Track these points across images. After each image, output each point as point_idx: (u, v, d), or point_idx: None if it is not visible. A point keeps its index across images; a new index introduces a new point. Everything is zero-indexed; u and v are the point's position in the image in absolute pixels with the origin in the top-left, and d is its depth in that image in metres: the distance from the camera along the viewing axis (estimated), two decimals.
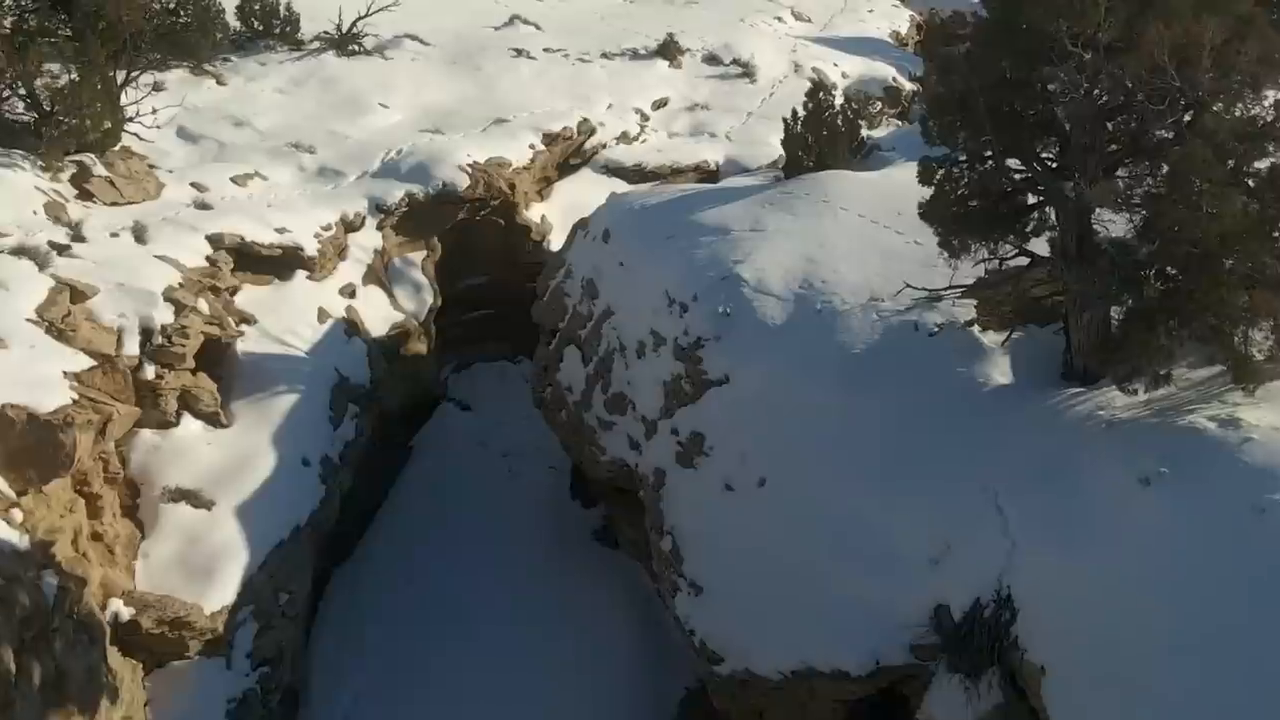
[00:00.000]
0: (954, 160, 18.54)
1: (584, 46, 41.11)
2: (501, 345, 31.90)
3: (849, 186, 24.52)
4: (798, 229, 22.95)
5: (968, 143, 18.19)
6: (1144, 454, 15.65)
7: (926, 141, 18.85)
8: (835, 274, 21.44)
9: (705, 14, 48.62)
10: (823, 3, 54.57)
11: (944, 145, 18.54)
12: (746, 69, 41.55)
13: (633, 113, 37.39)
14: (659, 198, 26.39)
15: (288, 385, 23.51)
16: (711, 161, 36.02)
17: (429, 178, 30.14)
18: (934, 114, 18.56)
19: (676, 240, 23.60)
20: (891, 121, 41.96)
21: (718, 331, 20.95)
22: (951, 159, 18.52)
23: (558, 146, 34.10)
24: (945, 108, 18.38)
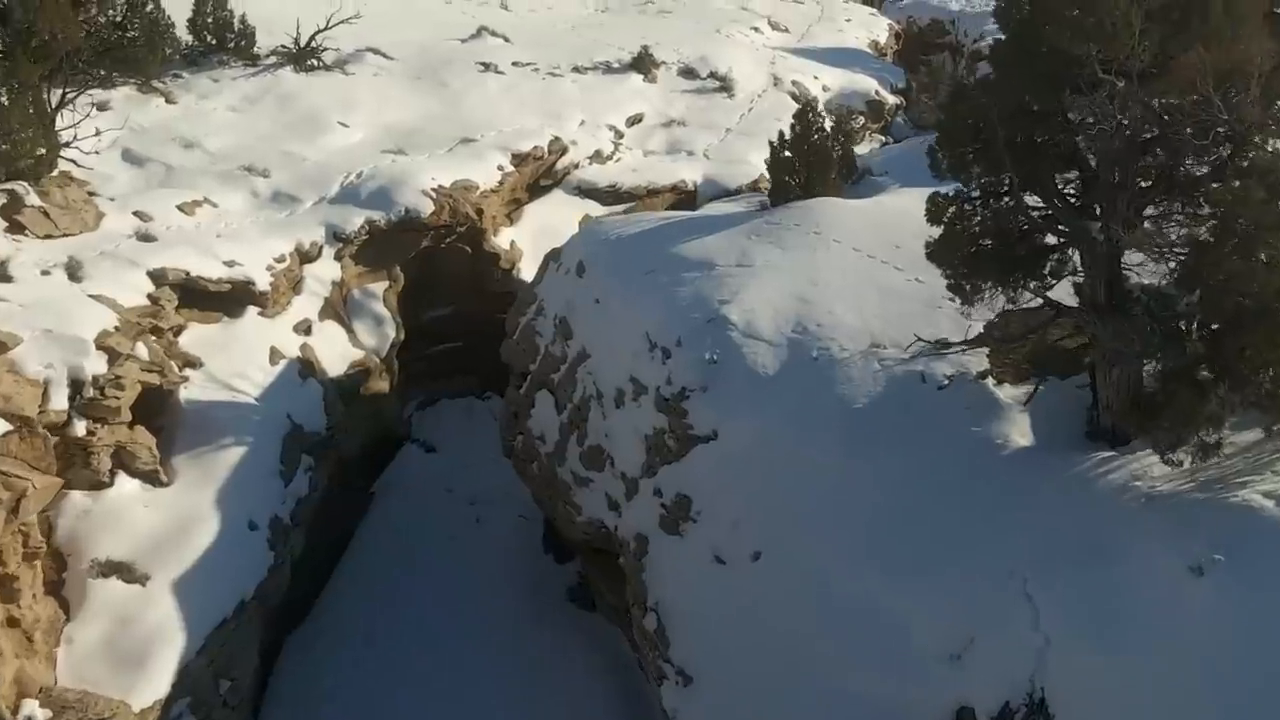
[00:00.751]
0: (966, 196, 16.60)
1: (554, 60, 39.07)
2: (468, 380, 29.88)
3: (841, 216, 22.62)
4: (788, 264, 21.03)
5: (982, 177, 16.31)
6: (1193, 536, 13.74)
7: (935, 174, 16.97)
8: (831, 316, 19.50)
9: (680, 24, 46.68)
10: (800, 12, 52.79)
11: (955, 179, 16.64)
12: (724, 83, 39.58)
13: (606, 130, 35.38)
14: (636, 226, 24.39)
15: (235, 436, 21.43)
16: (689, 181, 34.06)
17: (391, 203, 28.04)
18: (945, 145, 16.62)
19: (657, 276, 21.64)
20: (875, 136, 40.08)
21: (704, 381, 18.96)
22: (964, 195, 16.58)
23: (528, 167, 32.05)
24: (957, 138, 16.48)
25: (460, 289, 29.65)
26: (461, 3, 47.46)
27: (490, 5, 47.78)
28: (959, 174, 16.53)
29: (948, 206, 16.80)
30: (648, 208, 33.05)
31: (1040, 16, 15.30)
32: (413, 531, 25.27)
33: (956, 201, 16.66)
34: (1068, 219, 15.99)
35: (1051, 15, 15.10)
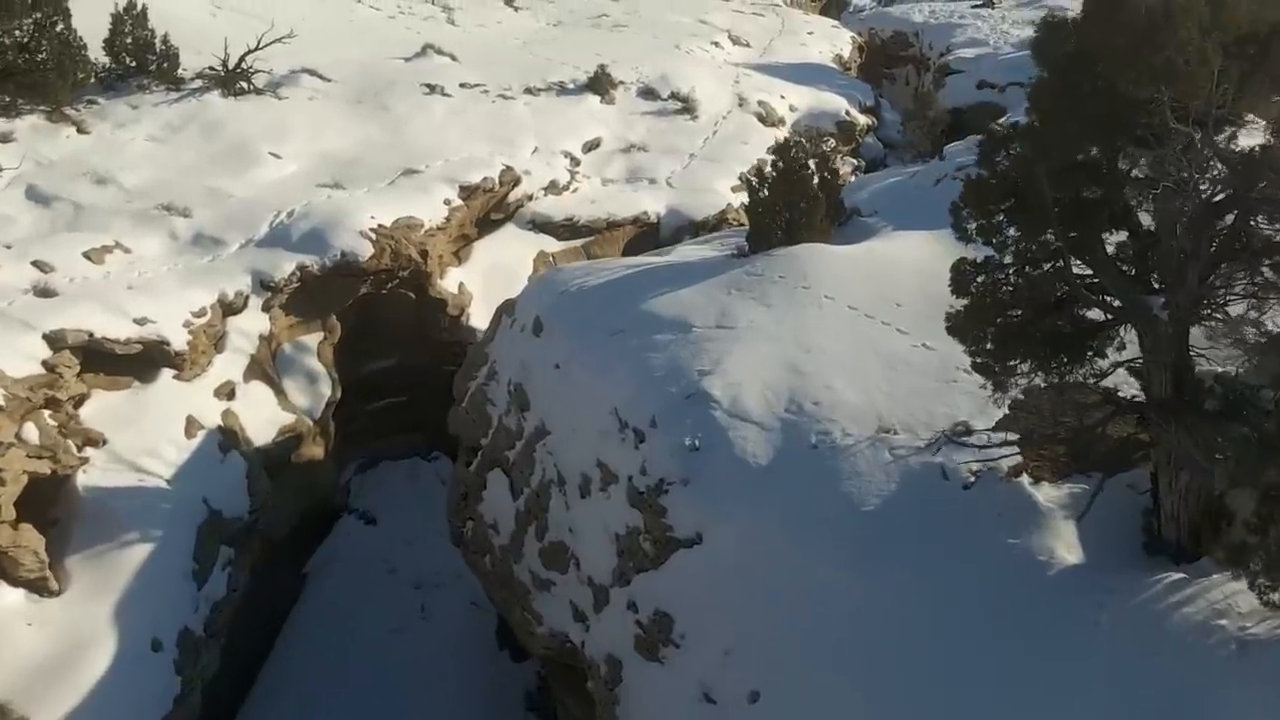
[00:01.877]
0: (998, 264, 13.79)
1: (505, 80, 36.04)
2: (414, 438, 26.92)
3: (831, 267, 19.81)
4: (775, 325, 18.21)
5: (1020, 243, 13.48)
6: None
7: (959, 237, 14.19)
8: (829, 392, 16.65)
9: (637, 39, 43.78)
10: (760, 25, 50.11)
11: (984, 243, 13.81)
12: (686, 103, 36.68)
13: (561, 157, 32.43)
14: (600, 275, 21.47)
15: (141, 530, 18.43)
16: (652, 213, 31.25)
17: (325, 246, 24.97)
18: (973, 204, 13.80)
19: (625, 338, 18.78)
20: (846, 159, 37.24)
21: (685, 472, 16.05)
22: (994, 263, 13.77)
23: (477, 200, 29.03)
24: (989, 196, 13.65)
25: (404, 338, 26.66)
26: (406, 18, 44.40)
27: (436, 20, 44.75)
28: (990, 238, 13.74)
29: (976, 275, 14.00)
30: (608, 242, 30.25)
31: (1093, 53, 12.51)
32: (349, 624, 22.26)
33: (986, 269, 13.85)
34: (1122, 291, 13.21)
35: (1108, 52, 12.32)
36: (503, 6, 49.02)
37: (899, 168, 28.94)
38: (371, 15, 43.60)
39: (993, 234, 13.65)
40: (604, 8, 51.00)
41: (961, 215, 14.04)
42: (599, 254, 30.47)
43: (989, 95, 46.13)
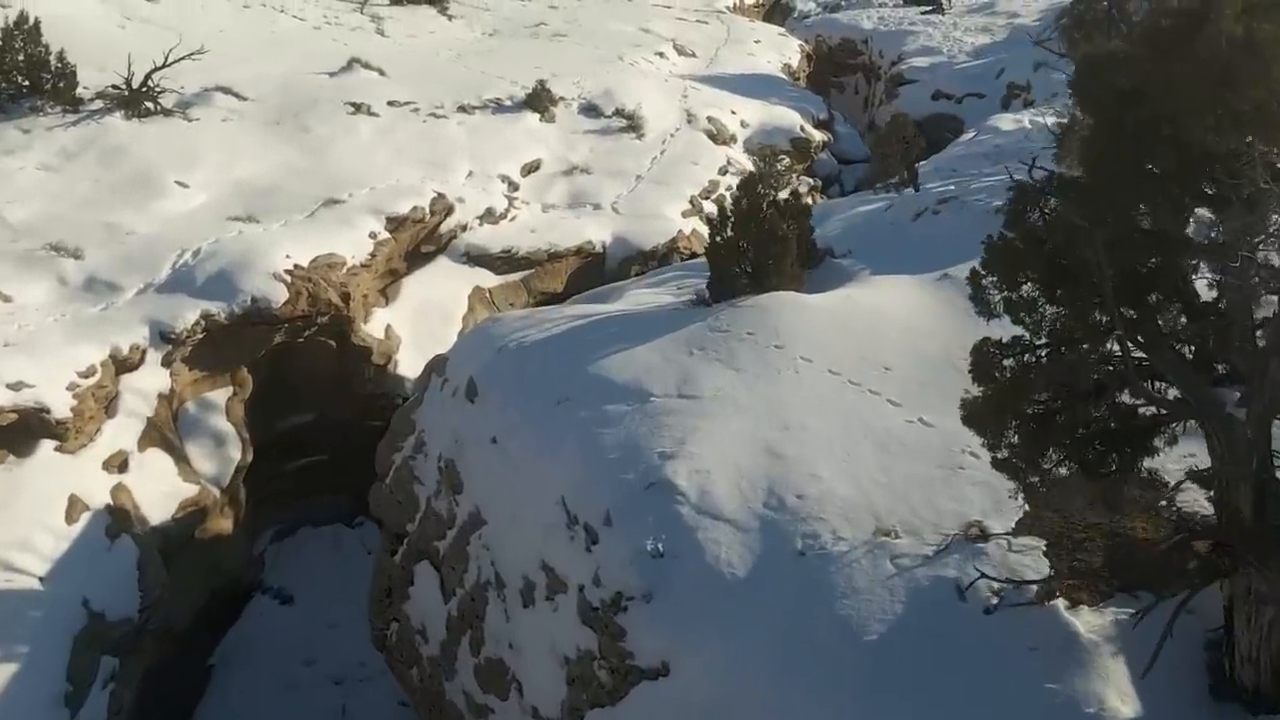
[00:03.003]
0: (1027, 346, 11.19)
1: (437, 97, 33.07)
2: (336, 501, 24.00)
3: (806, 321, 17.19)
4: (746, 395, 15.59)
5: (1061, 321, 10.88)
6: None
7: (979, 311, 11.62)
8: (815, 482, 14.02)
9: (577, 50, 40.93)
10: (706, 33, 47.33)
11: (1013, 321, 11.19)
12: (632, 121, 33.86)
13: (498, 181, 29.55)
14: (542, 327, 18.75)
15: (4, 647, 15.35)
16: (597, 241, 28.49)
17: (234, 291, 22.03)
18: (1001, 272, 11.18)
19: (573, 408, 16.11)
20: (802, 179, 34.58)
21: (646, 584, 13.35)
22: (1027, 343, 11.16)
23: (406, 232, 26.15)
24: (1020, 264, 11.02)
25: (324, 391, 23.75)
26: (332, 29, 41.24)
27: (365, 31, 41.64)
28: (1021, 315, 11.11)
29: (1002, 359, 11.40)
30: (550, 274, 27.49)
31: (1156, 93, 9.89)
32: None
33: (1016, 352, 11.23)
34: (1187, 383, 10.62)
35: (1176, 92, 9.71)
36: (436, 15, 46.00)
37: (866, 194, 26.30)
38: (295, 26, 40.45)
39: (1025, 310, 11.05)
40: (542, 15, 48.11)
41: (983, 285, 11.45)
42: (540, 288, 27.73)
43: (946, 106, 43.83)
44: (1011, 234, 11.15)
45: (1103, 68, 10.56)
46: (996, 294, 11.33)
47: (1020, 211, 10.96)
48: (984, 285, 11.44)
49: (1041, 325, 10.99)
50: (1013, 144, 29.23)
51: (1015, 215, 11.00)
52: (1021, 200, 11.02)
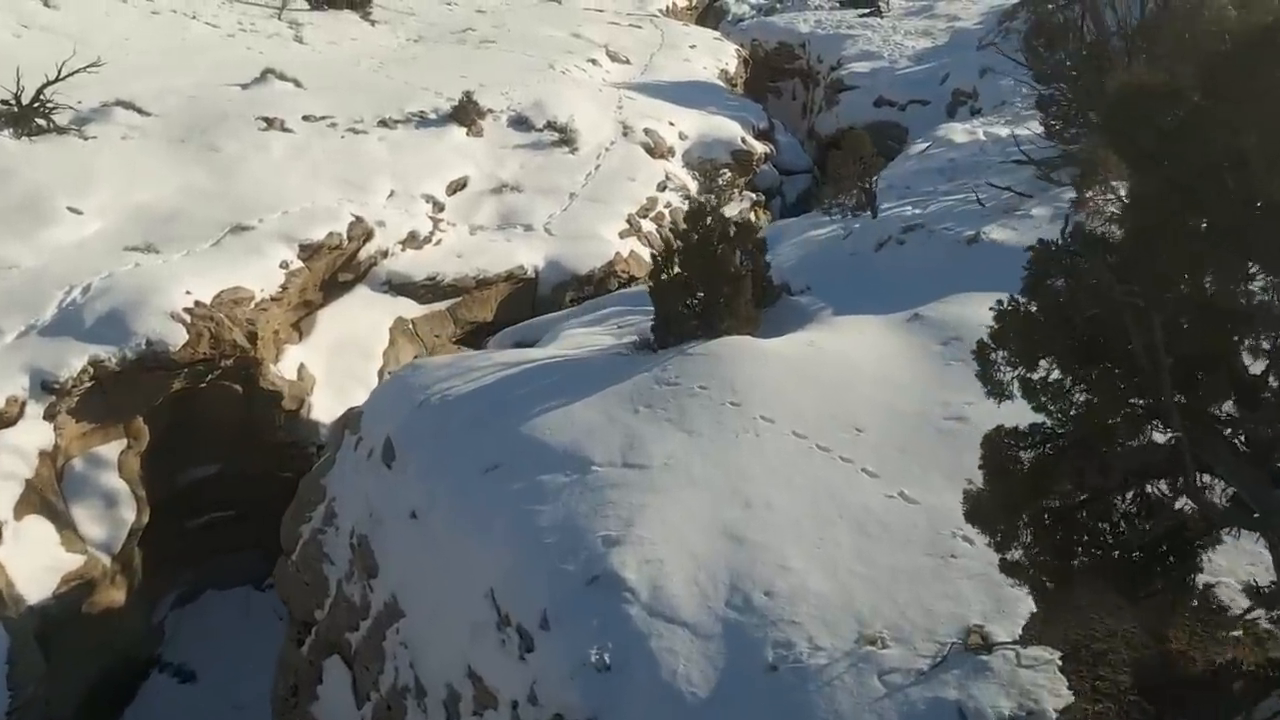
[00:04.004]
0: (1049, 434, 9.18)
1: (357, 110, 30.75)
2: (244, 561, 21.61)
3: (765, 373, 15.14)
4: (701, 464, 13.50)
5: (1090, 409, 8.88)
6: None
7: (990, 392, 9.63)
8: (784, 573, 11.96)
9: (506, 58, 38.76)
10: (639, 39, 45.39)
11: (1033, 406, 9.16)
12: (564, 134, 31.73)
13: (422, 202, 27.34)
14: (468, 376, 16.62)
15: None
16: (528, 266, 26.38)
17: (127, 333, 19.70)
18: (1016, 347, 9.17)
19: (503, 477, 13.96)
20: (745, 194, 32.57)
21: (591, 706, 11.25)
22: (1049, 432, 9.14)
23: (322, 261, 23.87)
24: (1041, 339, 8.99)
25: (230, 440, 21.43)
26: (247, 36, 38.80)
27: (282, 38, 39.23)
28: (1043, 400, 9.10)
29: (1016, 450, 9.39)
30: (478, 303, 25.30)
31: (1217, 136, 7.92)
32: None
33: (1037, 444, 9.21)
34: (1248, 483, 8.64)
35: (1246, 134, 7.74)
36: (359, 21, 43.65)
37: (817, 216, 24.26)
38: (207, 34, 37.93)
39: (1048, 395, 9.01)
40: (469, 21, 45.94)
41: (993, 362, 9.43)
42: (467, 317, 25.55)
43: (889, 114, 42.08)
44: (1029, 302, 9.09)
45: (1143, 103, 8.52)
46: (1010, 372, 9.29)
47: (1041, 277, 8.89)
48: (995, 362, 9.40)
49: (1068, 413, 8.95)
50: (968, 158, 27.42)
51: (1035, 282, 8.93)
52: (1043, 265, 8.95)
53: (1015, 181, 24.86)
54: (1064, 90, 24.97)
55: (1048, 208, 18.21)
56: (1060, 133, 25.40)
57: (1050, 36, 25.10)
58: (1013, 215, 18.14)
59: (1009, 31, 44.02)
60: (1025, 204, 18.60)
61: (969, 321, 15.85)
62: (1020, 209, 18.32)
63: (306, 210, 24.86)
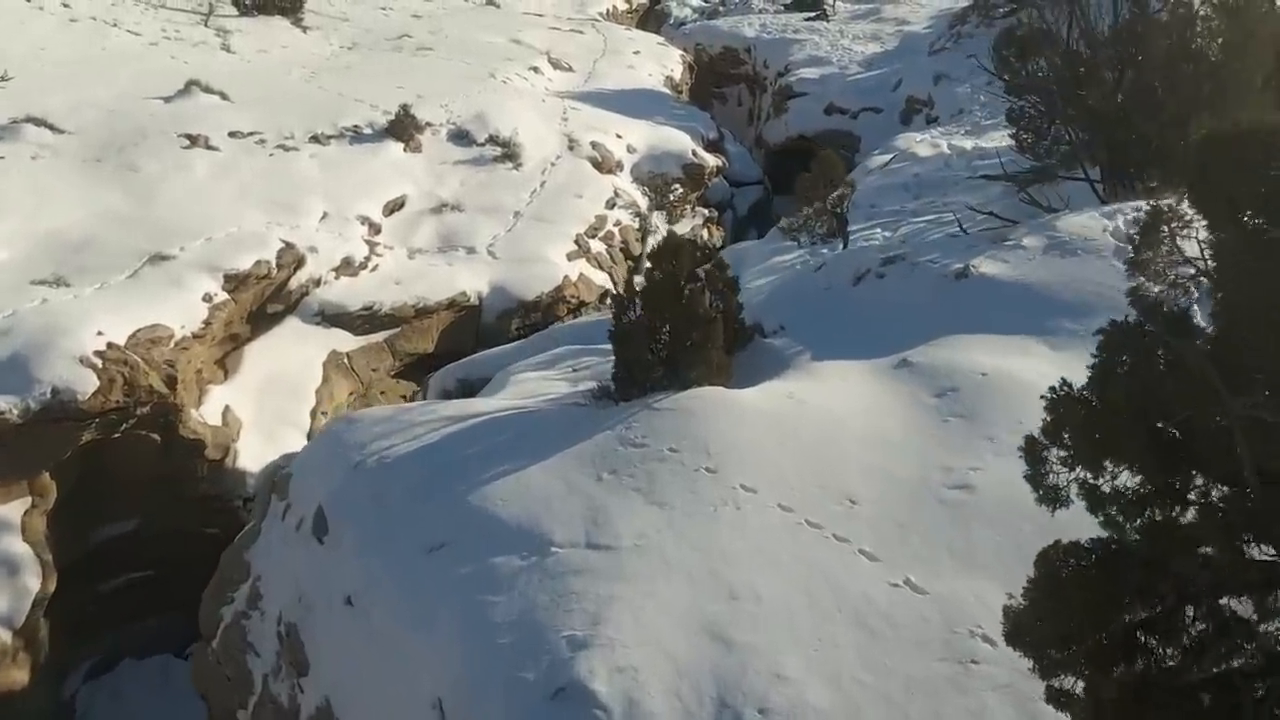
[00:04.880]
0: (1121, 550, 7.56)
1: (287, 125, 28.71)
2: (164, 625, 19.61)
3: (742, 432, 13.48)
4: (676, 545, 11.83)
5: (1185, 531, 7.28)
6: None
7: (1041, 498, 8.10)
8: (779, 683, 10.34)
9: (445, 66, 36.81)
10: (581, 44, 43.59)
11: (1104, 522, 7.51)
12: (508, 149, 29.87)
13: (357, 224, 25.41)
14: (409, 431, 14.85)
15: None
16: (471, 292, 24.55)
17: (30, 381, 17.66)
18: (1075, 445, 7.50)
19: (450, 559, 12.25)
20: (697, 210, 30.85)
21: None
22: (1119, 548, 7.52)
23: (248, 292, 21.93)
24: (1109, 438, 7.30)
25: (147, 494, 19.46)
26: (172, 44, 36.48)
27: (209, 47, 36.97)
28: (1109, 513, 7.43)
29: (1078, 564, 7.78)
30: (417, 333, 23.46)
31: None
32: None
33: (1103, 563, 7.56)
34: None
35: None
36: (290, 27, 41.44)
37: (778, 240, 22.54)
38: (129, 43, 35.61)
39: (1120, 507, 7.37)
40: (406, 26, 43.87)
41: (1045, 460, 7.78)
42: (407, 349, 23.68)
43: (840, 121, 40.58)
44: (1094, 395, 7.41)
45: (1246, 151, 6.86)
46: (1066, 473, 7.65)
47: (1113, 367, 7.20)
48: (1047, 459, 7.75)
49: (1144, 528, 7.31)
50: (933, 173, 25.89)
51: (1106, 371, 7.24)
52: (1117, 350, 7.26)
53: (986, 199, 23.37)
54: (1036, 103, 23.53)
55: (1039, 237, 16.59)
56: (1032, 147, 23.97)
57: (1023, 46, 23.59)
58: (1002, 246, 16.50)
59: (960, 36, 42.72)
60: (1014, 232, 16.96)
61: (964, 369, 14.27)
62: (1009, 238, 16.68)
63: (232, 236, 22.88)
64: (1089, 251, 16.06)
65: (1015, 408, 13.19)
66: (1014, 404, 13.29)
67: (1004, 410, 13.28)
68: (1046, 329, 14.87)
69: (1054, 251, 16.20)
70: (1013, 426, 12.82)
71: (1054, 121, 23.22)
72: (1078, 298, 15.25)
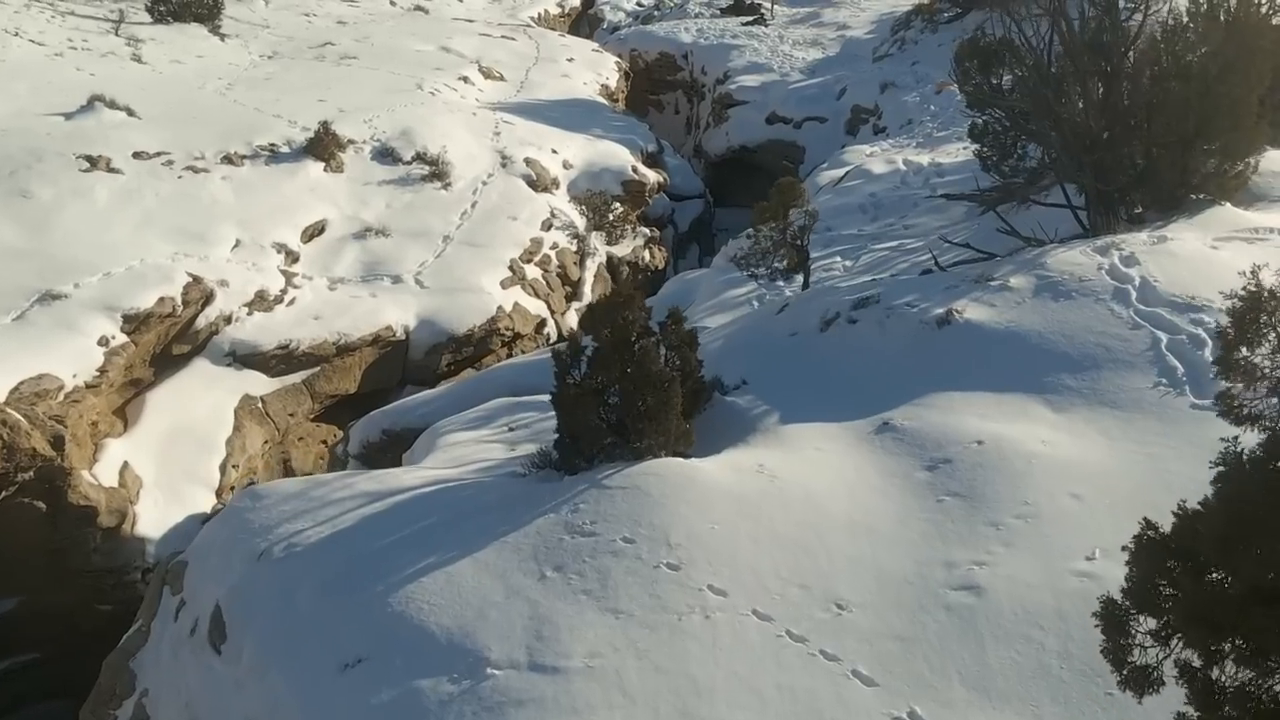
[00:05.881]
0: None
1: (198, 143, 26.45)
2: (51, 713, 17.34)
3: (708, 517, 11.65)
4: (637, 668, 9.97)
5: None
6: None
7: (1123, 681, 5.94)
8: None
9: (370, 77, 34.61)
10: (513, 51, 41.58)
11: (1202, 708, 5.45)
12: (436, 167, 27.78)
13: (273, 252, 23.28)
14: (320, 511, 12.88)
15: None
16: (398, 326, 22.53)
17: None
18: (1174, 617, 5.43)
19: (368, 682, 10.31)
20: (640, 231, 28.93)
21: None
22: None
23: (151, 332, 19.79)
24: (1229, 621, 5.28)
25: (32, 568, 17.22)
26: (78, 55, 34.07)
27: (119, 57, 34.58)
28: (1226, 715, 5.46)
29: None
30: (339, 372, 21.46)
31: None
32: None
33: None
34: None
35: None
36: (207, 36, 39.09)
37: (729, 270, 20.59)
38: (30, 53, 33.13)
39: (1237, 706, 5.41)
40: (329, 34, 41.65)
41: (1129, 633, 5.91)
42: (327, 390, 21.61)
43: (783, 131, 38.82)
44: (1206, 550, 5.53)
45: None
46: (1161, 652, 5.78)
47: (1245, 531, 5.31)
48: (1130, 631, 5.88)
49: None
50: (890, 192, 24.16)
51: (1234, 535, 5.35)
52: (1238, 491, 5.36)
53: (949, 221, 21.71)
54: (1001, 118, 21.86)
55: (1027, 276, 14.78)
56: (997, 165, 22.31)
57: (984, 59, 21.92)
58: (986, 286, 14.66)
59: (904, 42, 41.14)
60: (997, 269, 15.14)
61: (956, 435, 12.41)
62: (993, 276, 14.85)
63: (134, 271, 20.70)
64: (1084, 294, 14.25)
65: (1019, 484, 11.40)
66: (1017, 479, 11.47)
67: (1007, 487, 11.43)
68: (1045, 386, 13.03)
69: (1045, 294, 14.38)
70: (1019, 509, 11.06)
71: (1019, 137, 21.60)
72: (1077, 349, 13.42)
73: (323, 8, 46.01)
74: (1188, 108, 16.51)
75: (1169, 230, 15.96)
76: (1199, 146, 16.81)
